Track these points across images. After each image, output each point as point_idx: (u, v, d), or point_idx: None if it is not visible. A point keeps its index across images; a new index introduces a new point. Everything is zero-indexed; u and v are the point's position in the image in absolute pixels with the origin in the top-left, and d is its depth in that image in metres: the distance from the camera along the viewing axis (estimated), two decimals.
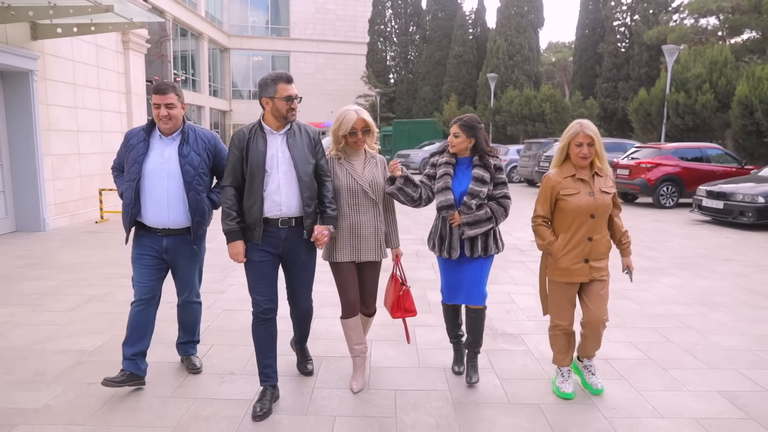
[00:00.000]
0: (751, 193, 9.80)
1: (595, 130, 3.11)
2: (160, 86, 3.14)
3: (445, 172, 3.28)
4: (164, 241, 3.22)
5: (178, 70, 31.26)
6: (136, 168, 3.13)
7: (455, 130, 3.26)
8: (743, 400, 3.24)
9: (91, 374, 3.46)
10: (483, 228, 3.20)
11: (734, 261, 7.14)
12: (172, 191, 3.15)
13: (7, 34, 7.88)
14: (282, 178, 2.97)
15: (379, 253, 3.27)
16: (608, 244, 3.22)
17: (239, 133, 3.00)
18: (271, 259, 3.04)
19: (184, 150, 3.18)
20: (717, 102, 16.82)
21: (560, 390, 3.26)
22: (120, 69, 11.47)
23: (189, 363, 3.55)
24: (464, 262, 3.29)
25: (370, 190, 3.21)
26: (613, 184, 3.22)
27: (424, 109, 34.30)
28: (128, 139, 3.23)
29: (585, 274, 3.15)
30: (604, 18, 28.81)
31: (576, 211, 3.11)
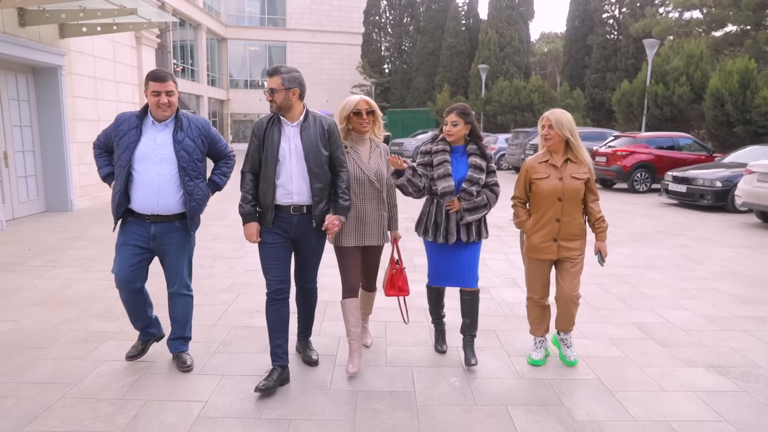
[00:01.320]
0: (710, 177, 10.84)
1: (559, 117, 3.31)
2: (159, 74, 3.14)
3: (444, 159, 3.35)
4: (152, 228, 3.23)
5: (177, 60, 31.97)
6: (127, 155, 3.12)
7: (453, 118, 3.34)
8: (649, 328, 4.27)
9: None
10: (480, 214, 3.34)
11: (683, 236, 8.18)
12: (164, 176, 3.16)
13: (40, 33, 8.78)
14: (294, 168, 3.09)
15: (381, 238, 3.42)
16: (580, 227, 3.41)
17: (259, 123, 3.16)
18: (284, 242, 3.17)
19: (179, 136, 3.19)
20: (693, 94, 17.82)
21: (530, 357, 3.59)
22: (134, 63, 12.35)
23: (179, 360, 3.45)
24: (458, 247, 3.41)
25: (375, 180, 3.33)
26: (588, 171, 3.36)
27: (418, 99, 35.18)
28: (119, 122, 3.21)
29: (553, 252, 3.39)
30: (594, 10, 29.72)
31: (544, 193, 3.34)
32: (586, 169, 3.36)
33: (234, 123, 40.73)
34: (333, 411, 2.98)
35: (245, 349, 3.76)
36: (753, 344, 3.98)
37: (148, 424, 2.81)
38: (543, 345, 3.63)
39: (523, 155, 17.48)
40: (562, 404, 3.08)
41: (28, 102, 9.20)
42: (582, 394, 3.19)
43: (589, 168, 3.38)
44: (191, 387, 3.22)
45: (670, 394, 3.21)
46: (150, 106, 3.17)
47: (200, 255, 6.52)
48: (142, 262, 3.29)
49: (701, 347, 3.92)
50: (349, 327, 3.42)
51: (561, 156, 3.37)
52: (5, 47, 7.94)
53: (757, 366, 3.60)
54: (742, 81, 15.56)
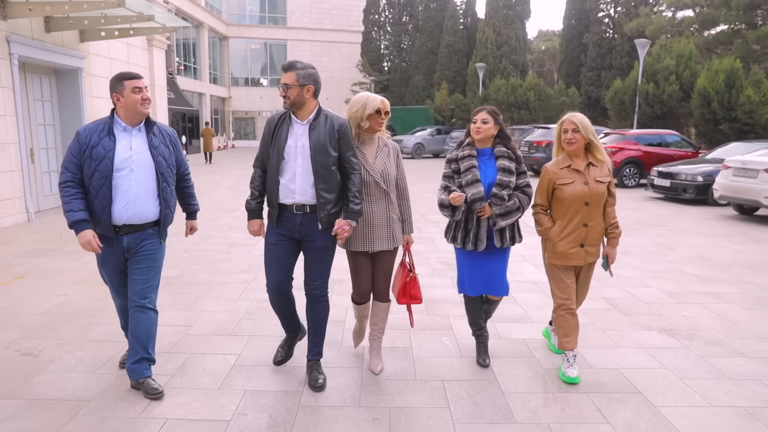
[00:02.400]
0: (692, 173, 11.48)
1: (582, 119, 3.24)
2: (132, 73, 3.05)
3: (471, 165, 3.24)
4: (124, 240, 3.06)
5: (180, 59, 32.55)
6: (107, 164, 2.93)
7: (484, 116, 3.25)
8: (616, 302, 4.92)
9: (212, 271, 5.10)
10: (513, 218, 3.25)
11: (663, 227, 8.82)
12: (140, 184, 3.01)
13: (63, 38, 9.39)
14: (299, 167, 3.00)
15: (391, 242, 3.26)
16: (602, 231, 3.38)
17: (271, 119, 3.11)
18: (288, 243, 3.11)
19: (155, 141, 3.09)
20: (682, 92, 18.45)
21: (565, 375, 3.35)
22: (146, 64, 12.96)
23: (147, 387, 3.07)
24: (489, 253, 3.33)
25: (381, 181, 3.21)
26: (609, 173, 3.32)
27: (417, 97, 35.76)
28: (85, 135, 2.97)
29: (581, 257, 3.33)
30: (589, 9, 30.32)
31: (571, 199, 3.26)
32: (607, 171, 3.32)
33: (235, 120, 41.32)
34: (344, 361, 3.62)
35: (267, 317, 4.39)
36: (702, 314, 4.62)
37: (194, 370, 3.45)
38: (576, 359, 3.42)
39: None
40: (533, 357, 3.72)
41: (51, 102, 9.82)
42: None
43: (609, 170, 3.34)
44: (225, 344, 3.86)
45: (624, 349, 3.86)
46: (131, 106, 2.97)
47: (218, 243, 7.19)
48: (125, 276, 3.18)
49: (657, 316, 4.56)
50: (357, 315, 3.49)
51: (582, 160, 3.30)
52: (33, 52, 8.56)
53: (702, 329, 4.25)
54: (728, 80, 16.19)
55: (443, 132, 27.02)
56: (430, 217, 9.43)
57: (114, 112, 3.06)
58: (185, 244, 6.98)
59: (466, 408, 3.03)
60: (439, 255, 6.64)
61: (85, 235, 2.94)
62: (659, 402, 3.11)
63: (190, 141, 29.76)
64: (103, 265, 3.16)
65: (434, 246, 7.15)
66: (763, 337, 4.11)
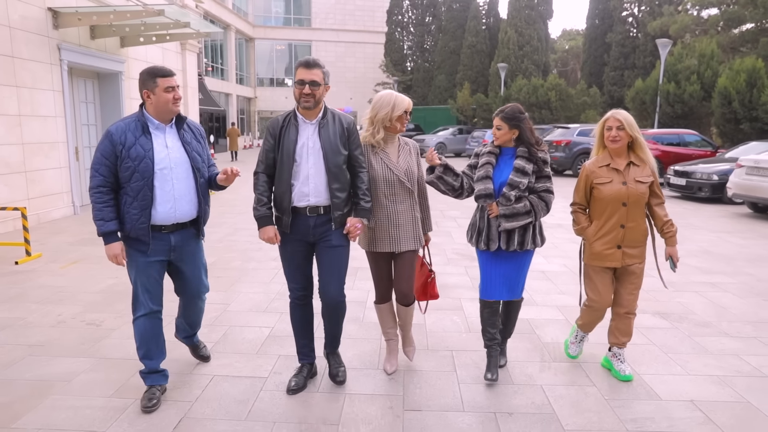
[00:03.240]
0: (708, 171, 11.68)
1: (627, 117, 3.17)
2: (165, 70, 2.93)
3: (487, 161, 3.20)
4: (172, 239, 3.00)
5: (209, 60, 33.49)
6: (147, 164, 2.84)
7: (497, 122, 3.16)
8: None
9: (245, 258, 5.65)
10: (521, 221, 3.12)
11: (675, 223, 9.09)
12: (181, 181, 2.96)
13: (106, 44, 10.08)
14: (311, 168, 2.93)
15: (416, 242, 3.25)
16: (644, 233, 3.26)
17: (274, 121, 3.01)
18: (304, 249, 3.07)
19: (187, 137, 3.03)
20: (703, 92, 18.50)
21: (568, 351, 3.63)
22: (179, 66, 13.64)
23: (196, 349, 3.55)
24: (502, 256, 3.24)
25: (406, 180, 3.17)
26: (651, 173, 3.20)
27: (439, 97, 36.11)
28: (117, 134, 2.84)
29: (617, 259, 3.24)
30: (613, 8, 30.30)
31: (608, 199, 3.19)
32: (650, 171, 3.20)
33: (261, 120, 42.21)
34: (364, 333, 4.10)
35: None
36: (696, 300, 4.99)
37: (235, 339, 3.97)
38: (584, 340, 3.62)
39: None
40: (534, 333, 4.15)
41: (94, 104, 10.53)
42: (551, 328, 4.26)
43: (653, 170, 3.22)
44: (260, 319, 4.37)
45: None
46: (162, 104, 2.87)
47: (248, 234, 7.74)
48: (164, 276, 3.10)
49: (654, 301, 4.94)
50: (384, 329, 3.46)
51: (623, 159, 3.22)
52: (80, 57, 9.24)
53: (693, 313, 4.62)
54: (749, 80, 16.23)
55: (465, 132, 27.37)
56: (448, 213, 9.86)
57: (143, 108, 2.94)
58: (220, 235, 7.55)
59: (470, 372, 3.48)
60: (455, 247, 7.08)
61: (114, 248, 2.87)
62: (642, 371, 3.52)
63: (217, 140, 30.64)
64: (141, 269, 2.95)
65: (451, 239, 7.59)
66: (750, 320, 4.46)
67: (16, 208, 6.25)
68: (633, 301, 3.36)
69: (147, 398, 2.98)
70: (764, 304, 4.89)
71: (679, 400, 3.14)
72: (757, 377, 3.44)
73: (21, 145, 8.01)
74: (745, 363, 3.65)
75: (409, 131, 28.70)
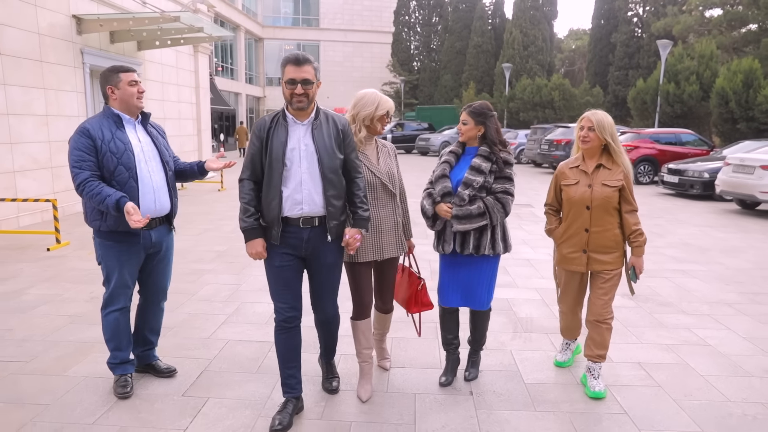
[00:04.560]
0: (699, 169, 12.11)
1: (601, 119, 3.05)
2: (126, 66, 2.98)
3: (445, 160, 3.12)
4: (152, 235, 3.03)
5: (218, 60, 34.17)
6: (129, 156, 2.87)
7: (463, 117, 3.09)
8: None
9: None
10: (473, 224, 2.96)
11: (661, 218, 9.57)
12: (156, 173, 2.99)
13: (124, 48, 10.69)
14: (304, 173, 2.66)
15: (400, 248, 3.09)
16: (614, 239, 3.10)
17: (260, 122, 2.73)
18: (294, 263, 2.76)
19: (153, 131, 3.08)
20: (702, 92, 18.89)
21: (555, 358, 3.61)
22: (191, 68, 14.25)
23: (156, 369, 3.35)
24: (461, 261, 3.12)
25: (389, 183, 3.00)
26: (623, 178, 3.06)
27: (445, 96, 36.62)
28: (93, 132, 2.82)
29: (582, 264, 3.14)
30: (618, 8, 30.67)
31: (571, 201, 3.13)
32: (621, 175, 3.06)
33: None
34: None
35: None
36: (666, 284, 5.48)
37: (246, 312, 4.52)
38: (569, 347, 3.57)
39: (539, 150, 18.84)
40: (511, 310, 4.67)
41: None
42: (527, 306, 4.77)
43: (625, 175, 3.08)
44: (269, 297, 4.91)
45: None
46: (127, 98, 2.92)
47: None
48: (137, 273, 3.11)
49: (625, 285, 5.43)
50: (359, 349, 3.14)
51: (594, 161, 3.12)
52: (100, 60, 9.84)
53: (658, 295, 5.12)
54: (746, 80, 16.62)
55: None
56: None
57: (107, 105, 2.97)
58: (232, 226, 8.13)
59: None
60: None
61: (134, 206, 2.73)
62: None
63: (227, 139, 31.29)
64: (125, 264, 2.98)
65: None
66: (708, 301, 4.96)
67: (48, 200, 6.84)
68: (602, 307, 3.13)
69: (121, 385, 3.08)
70: (725, 288, 5.38)
71: (627, 363, 3.65)
72: (701, 345, 3.95)
73: (48, 142, 8.62)
74: (693, 335, 4.15)
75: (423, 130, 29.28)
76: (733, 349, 3.89)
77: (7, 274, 5.54)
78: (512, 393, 3.23)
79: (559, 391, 3.24)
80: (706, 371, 3.53)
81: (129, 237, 2.95)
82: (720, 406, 3.09)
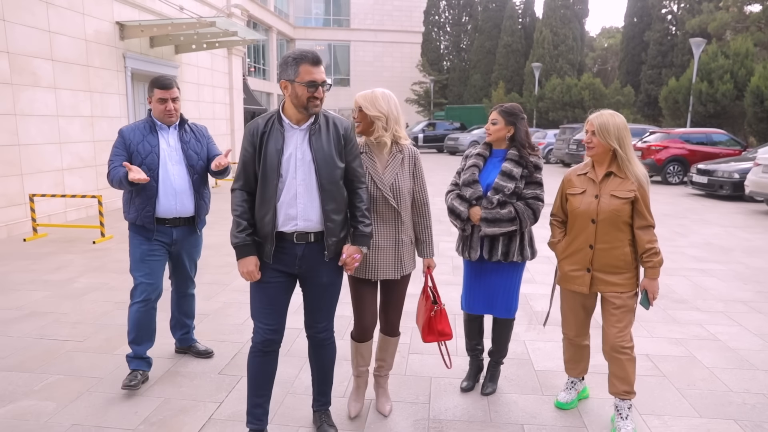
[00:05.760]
0: (729, 170, 12.01)
1: (604, 122, 2.70)
2: (164, 82, 3.17)
3: (473, 164, 3.04)
4: (174, 233, 3.25)
5: (251, 61, 34.90)
6: (153, 158, 3.13)
7: (494, 116, 2.99)
8: None
9: None
10: (503, 228, 2.89)
11: (687, 218, 9.57)
12: (181, 177, 3.20)
13: (162, 52, 11.19)
14: (300, 185, 2.41)
15: (398, 270, 2.75)
16: (624, 258, 2.73)
17: (253, 125, 2.46)
18: (284, 281, 2.51)
19: (185, 137, 3.26)
20: (736, 91, 18.55)
21: (557, 399, 3.10)
22: (225, 70, 14.75)
23: (196, 351, 3.70)
24: (487, 268, 3.04)
25: (390, 196, 2.69)
26: (637, 188, 2.68)
27: (475, 96, 36.60)
28: (126, 135, 3.16)
29: (585, 284, 2.80)
30: (651, 6, 30.21)
31: (575, 212, 2.82)
32: (634, 186, 2.68)
33: None
34: None
35: None
36: (683, 282, 5.59)
37: None
38: (574, 387, 3.11)
39: (567, 149, 18.81)
40: (528, 304, 4.87)
41: None
42: (543, 301, 4.96)
43: (639, 185, 2.69)
44: None
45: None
46: (155, 113, 3.20)
47: None
48: (165, 268, 3.34)
49: None
50: (356, 366, 2.97)
51: (604, 168, 2.77)
52: (141, 64, 10.36)
53: (674, 292, 5.25)
54: None
55: None
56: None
57: (150, 112, 3.27)
58: None
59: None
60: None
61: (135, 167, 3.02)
62: None
63: None
64: (145, 257, 3.19)
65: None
66: (723, 299, 5.07)
67: (94, 196, 7.31)
68: (616, 336, 2.74)
69: (129, 378, 3.17)
70: (743, 287, 5.47)
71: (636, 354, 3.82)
72: (710, 340, 4.09)
73: (93, 142, 9.15)
74: (704, 330, 4.29)
75: (454, 130, 29.44)
76: (742, 344, 4.03)
77: (60, 264, 6.00)
78: (522, 378, 3.45)
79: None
80: (712, 364, 3.68)
81: (145, 231, 3.19)
82: (721, 395, 3.25)
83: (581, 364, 3.07)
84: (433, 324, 2.89)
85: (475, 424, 2.92)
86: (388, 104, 2.71)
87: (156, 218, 3.17)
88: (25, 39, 7.59)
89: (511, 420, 2.97)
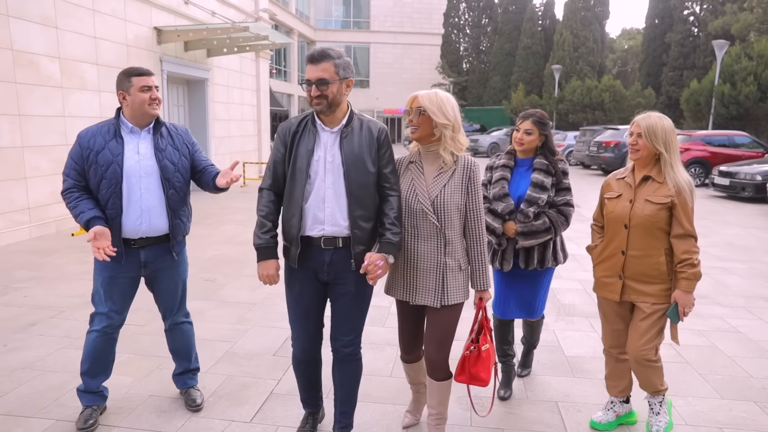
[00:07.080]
0: (751, 172, 12.08)
1: (652, 124, 2.57)
2: (142, 69, 2.71)
3: (501, 176, 2.98)
4: (142, 254, 2.76)
5: (273, 63, 35.44)
6: (115, 169, 2.63)
7: (528, 126, 2.92)
8: None
9: None
10: (539, 239, 2.90)
11: (708, 219, 9.71)
12: (152, 192, 2.71)
13: (195, 55, 11.61)
14: (329, 189, 2.35)
15: (439, 297, 2.44)
16: (658, 267, 2.62)
17: (286, 125, 2.44)
18: (315, 289, 2.48)
19: (161, 144, 2.75)
20: (760, 93, 18.50)
21: (592, 418, 2.93)
22: (253, 72, 15.16)
23: (188, 397, 3.08)
24: (519, 276, 3.03)
25: (431, 211, 2.42)
26: (675, 194, 2.55)
27: (494, 98, 36.77)
28: (87, 137, 2.66)
29: (616, 291, 2.72)
30: (673, 7, 30.09)
31: (609, 217, 2.75)
32: (672, 192, 2.55)
33: None
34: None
35: None
36: (704, 279, 5.76)
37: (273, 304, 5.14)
38: (613, 408, 2.92)
39: (587, 152, 18.92)
40: (555, 297, 5.12)
41: (184, 107, 12.11)
42: (569, 294, 5.21)
43: (678, 191, 2.55)
44: None
45: None
46: (138, 106, 2.68)
47: None
48: (133, 295, 2.86)
49: None
50: (412, 382, 2.86)
51: (643, 172, 2.68)
52: (176, 67, 10.78)
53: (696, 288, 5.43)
54: None
55: None
56: None
57: (120, 111, 2.75)
58: None
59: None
60: None
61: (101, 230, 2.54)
62: None
63: None
64: (110, 282, 2.74)
65: None
66: (745, 295, 5.26)
67: None
68: (642, 348, 2.64)
69: (83, 419, 2.77)
70: (764, 284, 5.65)
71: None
72: (731, 332, 4.31)
73: None
74: (725, 323, 4.51)
75: (475, 131, 29.69)
76: (763, 336, 4.24)
77: None
78: (554, 363, 3.72)
79: (596, 363, 3.70)
80: (733, 353, 3.91)
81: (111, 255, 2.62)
82: (742, 380, 3.49)
83: (622, 382, 2.89)
84: (466, 364, 2.57)
85: (514, 401, 3.20)
86: (454, 110, 2.43)
87: (122, 239, 2.70)
88: (74, 45, 8.02)
89: (546, 398, 3.24)
